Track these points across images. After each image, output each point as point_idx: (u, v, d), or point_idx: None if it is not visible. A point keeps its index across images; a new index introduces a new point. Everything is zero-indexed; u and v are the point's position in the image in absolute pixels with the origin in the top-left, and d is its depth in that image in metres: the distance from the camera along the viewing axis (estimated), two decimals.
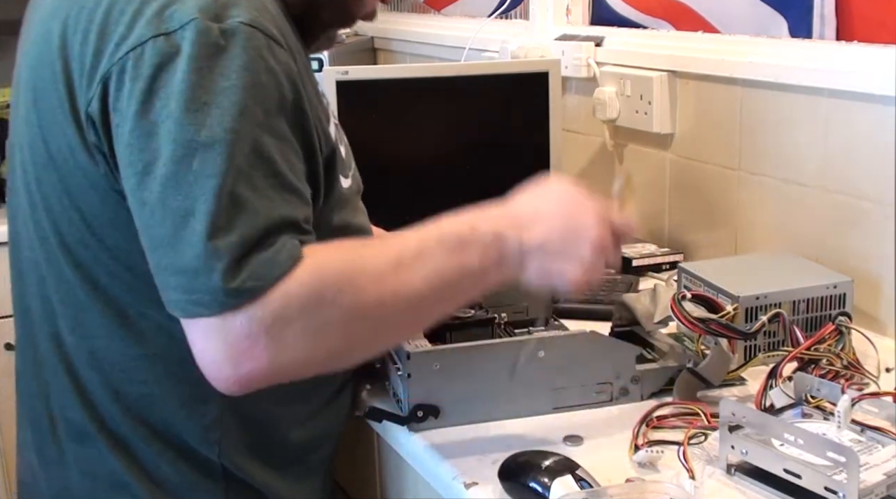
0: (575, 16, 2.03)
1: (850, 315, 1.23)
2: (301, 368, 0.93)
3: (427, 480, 1.08)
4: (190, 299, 0.87)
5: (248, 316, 0.87)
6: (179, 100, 0.88)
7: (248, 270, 0.87)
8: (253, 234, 0.88)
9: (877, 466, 0.93)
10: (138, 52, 0.90)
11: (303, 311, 0.89)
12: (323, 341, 0.91)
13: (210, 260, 0.86)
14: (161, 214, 0.88)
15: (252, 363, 0.88)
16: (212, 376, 0.90)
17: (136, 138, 0.90)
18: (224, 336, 0.87)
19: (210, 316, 0.87)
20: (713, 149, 1.65)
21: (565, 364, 1.14)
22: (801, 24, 1.57)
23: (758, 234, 1.57)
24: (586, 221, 1.02)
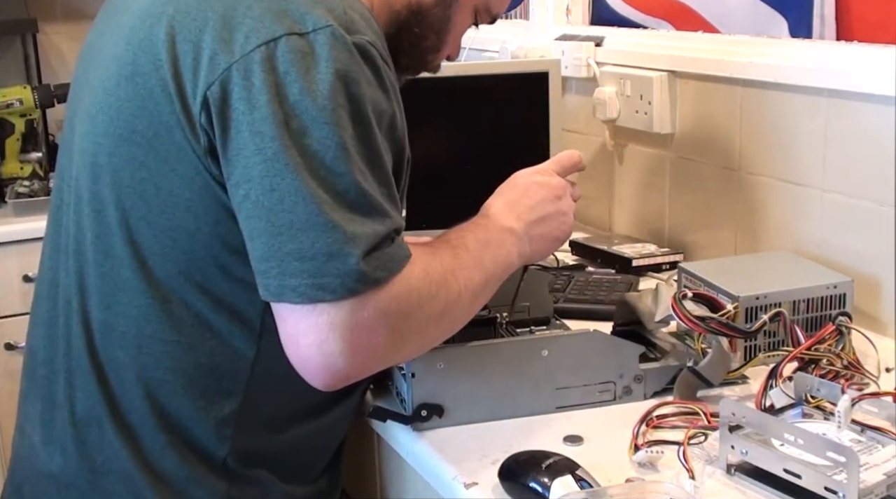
0: (575, 16, 2.03)
1: (850, 315, 1.23)
2: (397, 360, 1.01)
3: (427, 480, 1.09)
4: (316, 283, 0.90)
5: (374, 307, 0.92)
6: (317, 96, 0.93)
7: (378, 260, 0.93)
8: (382, 230, 0.94)
9: (877, 466, 0.94)
10: (272, 47, 0.94)
11: (419, 304, 0.96)
12: (424, 333, 1.00)
13: (347, 246, 0.91)
14: (293, 200, 0.91)
15: (368, 354, 0.93)
16: (316, 370, 0.92)
17: (267, 126, 0.92)
18: (350, 325, 0.91)
19: (334, 301, 0.90)
20: (713, 149, 1.65)
21: (569, 364, 1.14)
22: (801, 24, 1.57)
23: (758, 234, 1.57)
24: (550, 181, 1.18)
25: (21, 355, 2.22)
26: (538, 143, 1.71)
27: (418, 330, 0.98)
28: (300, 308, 0.91)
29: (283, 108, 0.93)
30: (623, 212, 1.89)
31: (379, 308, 0.92)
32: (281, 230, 0.92)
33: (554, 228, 1.16)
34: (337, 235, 0.91)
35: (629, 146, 1.85)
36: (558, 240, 1.18)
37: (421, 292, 0.97)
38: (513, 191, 1.16)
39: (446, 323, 1.03)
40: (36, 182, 2.41)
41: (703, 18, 1.76)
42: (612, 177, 1.90)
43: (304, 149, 0.92)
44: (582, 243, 1.76)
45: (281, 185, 0.92)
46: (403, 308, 0.95)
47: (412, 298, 0.96)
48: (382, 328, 0.93)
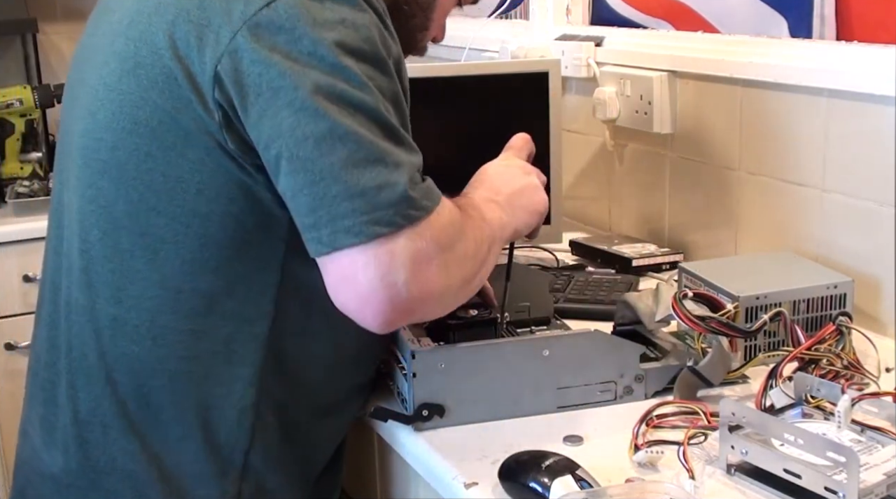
0: (575, 16, 2.03)
1: (850, 315, 1.23)
2: (453, 294, 1.00)
3: (427, 480, 1.09)
4: (371, 218, 0.90)
5: (430, 236, 0.92)
6: (329, 43, 0.93)
7: (422, 190, 0.94)
8: (416, 163, 0.96)
9: (877, 466, 0.94)
10: (273, 7, 0.94)
11: (459, 237, 0.97)
12: (465, 271, 0.99)
13: (394, 175, 0.92)
14: (329, 143, 0.91)
15: (427, 285, 0.92)
16: (379, 305, 0.91)
17: (287, 80, 0.92)
18: (411, 253, 0.91)
19: (392, 234, 0.90)
20: (713, 149, 1.65)
21: (569, 363, 1.14)
22: (801, 24, 1.57)
23: (758, 234, 1.57)
24: (517, 162, 1.20)
25: (21, 355, 2.24)
26: (538, 143, 1.69)
27: (459, 266, 0.98)
28: (357, 248, 0.91)
29: (299, 61, 0.93)
30: (623, 212, 1.89)
31: (433, 237, 0.93)
32: (323, 175, 0.91)
33: (532, 199, 1.16)
34: (381, 167, 0.92)
35: (629, 146, 1.85)
36: (538, 212, 1.16)
37: (456, 227, 0.98)
38: (483, 176, 1.17)
39: (476, 266, 1.02)
40: (36, 182, 2.42)
41: (703, 18, 1.76)
42: (612, 177, 1.90)
43: (329, 92, 0.92)
44: (582, 243, 1.76)
45: (314, 131, 0.92)
46: (451, 238, 0.96)
47: (454, 230, 0.97)
48: (437, 259, 0.93)
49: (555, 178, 1.72)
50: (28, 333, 1.19)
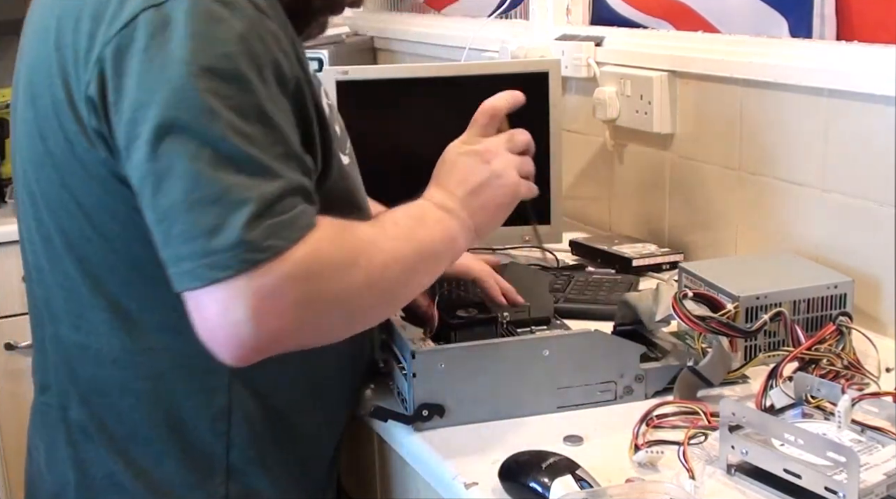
0: (575, 16, 2.03)
1: (850, 315, 1.23)
2: (320, 333, 0.94)
3: (427, 480, 1.09)
4: (206, 263, 0.85)
5: (275, 273, 0.86)
6: (173, 68, 0.88)
7: (268, 228, 0.86)
8: (272, 193, 0.88)
9: (877, 466, 0.94)
10: (132, 27, 0.90)
11: (332, 271, 0.91)
12: (344, 305, 0.93)
13: (228, 217, 0.85)
14: (171, 182, 0.87)
15: (277, 322, 0.87)
16: (225, 341, 0.87)
17: (136, 110, 0.89)
18: (248, 294, 0.85)
19: (229, 278, 0.85)
20: (713, 149, 1.65)
21: (570, 363, 1.14)
22: (801, 24, 1.57)
23: (758, 234, 1.57)
24: (475, 148, 1.11)
25: (21, 355, 2.25)
26: (538, 143, 1.69)
27: (338, 299, 0.92)
28: (199, 290, 0.87)
29: (147, 86, 0.88)
30: (623, 212, 1.89)
31: (283, 273, 0.86)
32: (165, 215, 0.88)
33: (492, 194, 1.09)
34: (218, 208, 0.86)
35: (629, 146, 1.85)
36: (503, 205, 1.10)
37: (333, 259, 0.91)
38: (441, 169, 1.11)
39: (376, 295, 0.97)
40: None
41: (703, 18, 1.76)
42: (612, 177, 1.90)
43: (170, 127, 0.87)
44: (582, 243, 1.76)
45: (154, 169, 0.88)
46: (312, 273, 0.88)
47: (321, 264, 0.89)
48: (289, 293, 0.87)
49: (555, 178, 1.72)
50: (28, 332, 1.19)
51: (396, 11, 2.92)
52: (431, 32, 2.47)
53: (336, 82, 1.70)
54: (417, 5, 2.78)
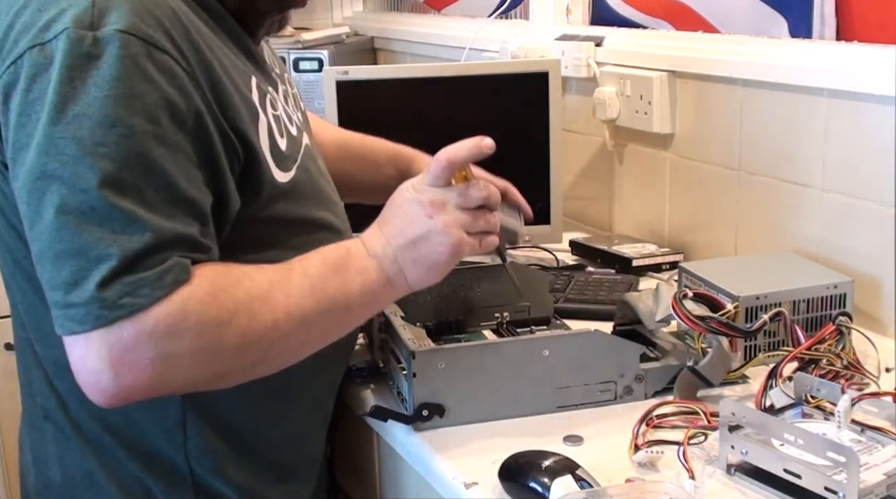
0: (575, 16, 2.03)
1: (850, 315, 1.23)
2: (185, 387, 0.94)
3: (427, 480, 1.09)
4: (66, 314, 0.87)
5: (137, 328, 0.86)
6: (49, 111, 0.87)
7: (127, 285, 0.86)
8: (136, 247, 0.87)
9: (877, 466, 0.94)
10: (18, 65, 0.90)
11: (198, 331, 0.89)
12: (214, 363, 0.92)
13: (87, 272, 0.85)
14: (39, 228, 0.88)
15: (133, 376, 0.87)
16: (88, 386, 0.89)
17: (16, 151, 0.90)
18: (107, 347, 0.86)
19: (85, 332, 0.86)
20: (713, 149, 1.65)
21: (569, 363, 1.14)
22: (801, 24, 1.57)
23: (758, 234, 1.57)
24: (420, 198, 1.03)
25: None
26: (538, 143, 1.71)
27: (206, 356, 0.91)
28: (64, 337, 0.88)
29: (26, 129, 0.88)
30: (623, 212, 1.89)
31: (140, 330, 0.86)
32: (39, 259, 0.89)
33: (430, 250, 1.02)
34: (80, 261, 0.86)
35: (629, 146, 1.85)
36: (438, 263, 1.03)
37: (201, 317, 0.89)
38: (388, 209, 1.06)
39: (258, 350, 0.95)
40: None
41: (703, 18, 1.76)
42: (612, 177, 1.90)
43: (39, 175, 0.87)
44: (582, 243, 1.76)
45: (29, 212, 0.89)
46: (174, 330, 0.87)
47: (187, 321, 0.88)
48: (147, 349, 0.86)
49: (555, 178, 1.72)
50: None
51: (396, 11, 2.93)
52: (431, 32, 2.47)
53: (336, 82, 1.70)
54: (417, 5, 2.79)
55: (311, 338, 1.00)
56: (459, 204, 1.04)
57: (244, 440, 1.10)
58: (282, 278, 0.97)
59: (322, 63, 2.32)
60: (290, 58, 2.33)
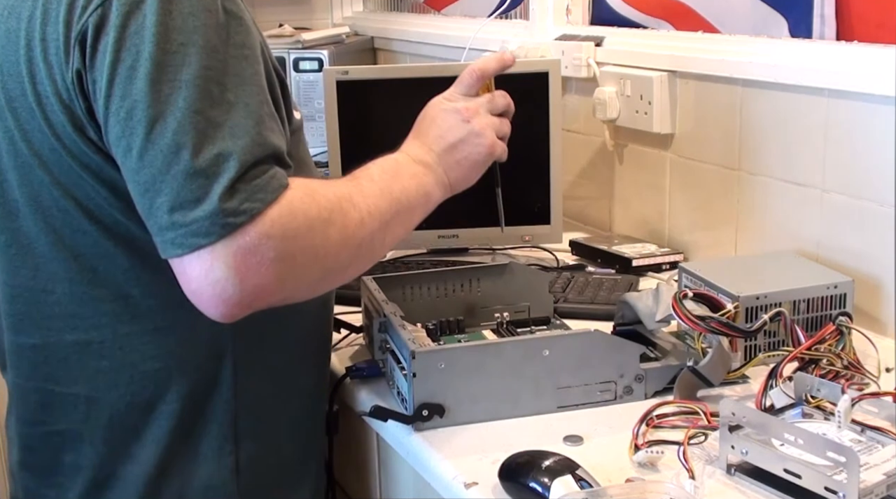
0: (575, 16, 2.03)
1: (850, 315, 1.23)
2: (299, 288, 0.99)
3: (427, 480, 1.09)
4: (190, 231, 0.90)
5: (257, 230, 0.91)
6: (153, 44, 0.91)
7: (246, 192, 0.91)
8: (248, 159, 0.92)
9: (877, 466, 0.94)
10: (106, 7, 0.93)
11: (308, 227, 0.95)
12: (321, 259, 0.98)
13: (206, 186, 0.90)
14: (151, 155, 0.91)
15: (259, 277, 0.91)
16: (211, 299, 0.92)
17: (116, 88, 0.92)
18: (231, 254, 0.90)
19: (212, 244, 0.90)
20: (713, 149, 1.65)
21: (569, 363, 1.14)
22: (801, 24, 1.57)
23: (758, 234, 1.57)
24: (456, 106, 1.18)
25: None
26: (538, 143, 1.71)
27: (315, 254, 0.97)
28: (182, 257, 0.92)
29: (126, 64, 0.92)
30: (623, 212, 1.89)
31: (260, 232, 0.91)
32: (147, 187, 0.92)
33: (469, 152, 1.16)
34: (200, 179, 0.90)
35: (629, 146, 1.85)
36: (478, 163, 1.18)
37: (309, 214, 0.95)
38: (422, 123, 1.18)
39: (353, 248, 1.01)
40: None
41: (703, 18, 1.76)
42: (612, 177, 1.90)
43: (154, 99, 0.91)
44: (582, 243, 1.76)
45: (136, 142, 0.92)
46: (289, 230, 0.93)
47: (297, 220, 0.94)
48: (268, 250, 0.91)
49: (555, 178, 1.72)
50: None
51: (396, 11, 2.93)
52: (431, 32, 2.47)
53: (336, 82, 1.70)
54: (417, 5, 2.79)
55: (385, 238, 1.07)
56: (490, 109, 1.19)
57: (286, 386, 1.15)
58: (355, 184, 1.05)
59: (322, 63, 2.32)
60: (290, 58, 2.33)
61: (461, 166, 1.16)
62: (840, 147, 1.41)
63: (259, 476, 1.12)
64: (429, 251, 1.78)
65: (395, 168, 1.11)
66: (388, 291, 1.29)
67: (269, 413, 1.13)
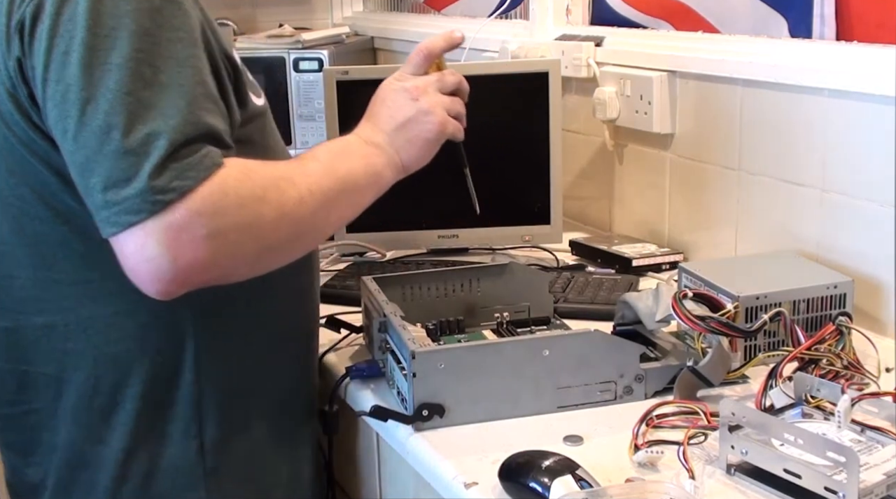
0: (575, 16, 2.03)
1: (850, 315, 1.23)
2: (236, 266, 1.00)
3: (427, 480, 1.09)
4: (122, 209, 0.91)
5: (187, 207, 0.92)
6: (85, 28, 0.93)
7: (176, 170, 0.92)
8: (178, 138, 0.93)
9: (877, 466, 0.94)
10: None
11: (238, 205, 0.96)
12: (256, 237, 0.98)
13: (136, 165, 0.91)
14: (84, 136, 0.93)
15: (192, 254, 0.93)
16: (147, 275, 0.93)
17: (52, 72, 0.94)
18: (162, 230, 0.92)
19: (142, 221, 0.91)
20: (713, 149, 1.65)
21: (569, 363, 1.14)
22: (801, 24, 1.57)
23: (758, 234, 1.57)
24: (405, 85, 1.19)
25: None
26: (538, 143, 1.71)
27: (249, 231, 0.97)
28: (118, 235, 0.93)
29: (60, 48, 0.94)
30: (623, 212, 1.89)
31: (191, 208, 0.92)
32: (83, 168, 0.94)
33: (419, 130, 1.17)
34: (131, 158, 0.91)
35: (629, 146, 1.85)
36: (429, 141, 1.17)
37: (240, 192, 0.96)
38: (374, 105, 1.19)
39: (291, 226, 1.02)
40: None
41: (703, 18, 1.76)
42: (612, 177, 1.90)
43: (86, 81, 0.93)
44: (582, 243, 1.76)
45: (70, 125, 0.93)
46: (220, 207, 0.94)
47: (228, 197, 0.95)
48: (198, 226, 0.92)
49: (555, 178, 1.72)
50: None
51: (396, 11, 2.93)
52: (431, 32, 2.44)
53: (336, 82, 1.69)
54: (417, 5, 2.78)
55: (330, 217, 1.08)
56: (439, 88, 1.20)
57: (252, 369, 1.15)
58: (298, 164, 1.07)
59: (322, 63, 2.31)
60: (290, 58, 2.33)
61: (413, 145, 1.16)
62: (840, 147, 1.41)
63: (226, 457, 1.14)
64: (429, 251, 1.78)
65: (343, 149, 1.13)
66: (388, 291, 1.29)
67: (236, 398, 1.14)
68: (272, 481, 1.20)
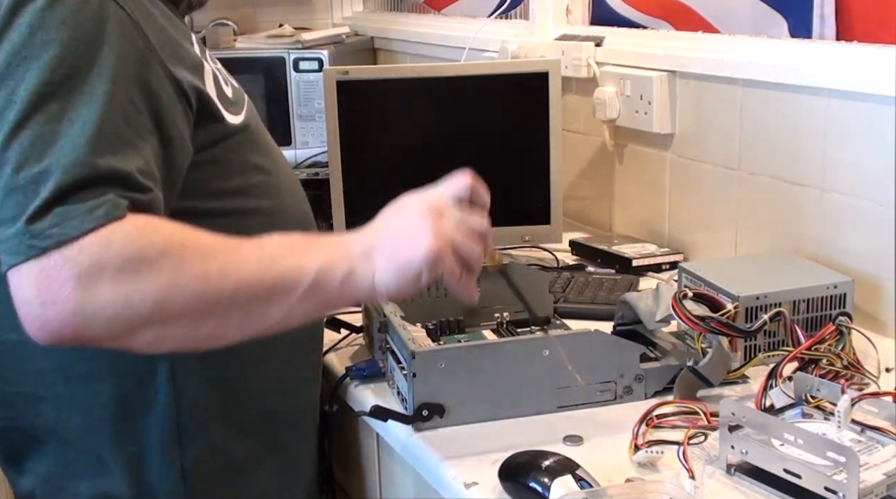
0: (575, 16, 2.03)
1: (850, 315, 1.23)
2: (108, 330, 0.89)
3: (427, 480, 1.09)
4: (4, 248, 0.88)
5: (63, 257, 0.86)
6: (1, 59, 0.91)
7: (59, 215, 0.87)
8: (67, 180, 0.88)
9: (877, 466, 0.94)
10: None
11: (120, 263, 0.87)
12: (136, 303, 0.88)
13: (23, 205, 0.88)
14: None
15: (58, 307, 0.87)
16: (24, 318, 0.89)
17: None
18: (36, 275, 0.87)
19: (19, 264, 0.87)
20: (713, 149, 1.65)
21: (570, 363, 1.14)
22: (801, 24, 1.57)
23: (758, 234, 1.57)
24: (413, 203, 0.99)
25: None
26: (538, 143, 1.71)
27: (126, 295, 0.87)
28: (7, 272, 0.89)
29: None
30: (623, 212, 1.89)
31: (66, 257, 0.86)
32: None
33: (406, 247, 0.95)
34: (18, 196, 0.88)
35: (629, 146, 1.85)
36: (409, 265, 0.95)
37: (125, 251, 0.87)
38: (389, 208, 1.01)
39: (188, 301, 0.89)
40: None
41: (703, 18, 1.76)
42: (612, 177, 1.90)
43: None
44: (582, 243, 1.76)
45: None
46: (95, 260, 0.86)
47: (108, 253, 0.87)
48: (69, 278, 0.86)
49: (555, 178, 1.72)
50: None
51: (396, 11, 2.93)
52: (431, 32, 2.47)
53: (336, 82, 1.69)
54: (417, 5, 2.79)
55: (250, 310, 0.92)
56: (458, 219, 0.98)
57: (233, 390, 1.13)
58: (233, 242, 0.93)
59: (322, 63, 2.31)
60: (290, 58, 2.33)
61: (393, 261, 0.95)
62: (840, 147, 1.41)
63: (207, 478, 1.12)
64: None
65: (304, 242, 0.97)
66: None
67: (214, 418, 1.12)
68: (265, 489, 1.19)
